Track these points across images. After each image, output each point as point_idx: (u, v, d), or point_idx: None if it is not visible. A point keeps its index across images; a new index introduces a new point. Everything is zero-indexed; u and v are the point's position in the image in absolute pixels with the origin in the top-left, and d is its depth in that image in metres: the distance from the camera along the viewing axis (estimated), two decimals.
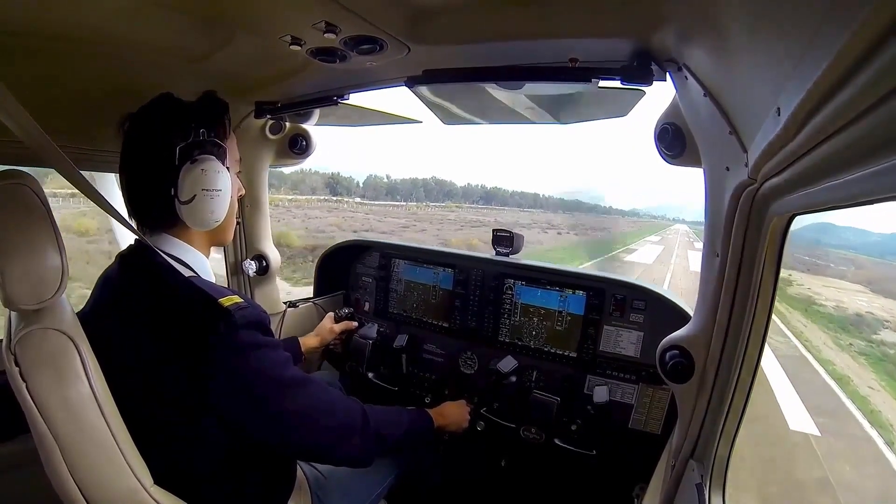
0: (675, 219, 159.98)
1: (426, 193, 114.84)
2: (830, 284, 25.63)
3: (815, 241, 39.85)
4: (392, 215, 48.99)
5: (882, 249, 40.61)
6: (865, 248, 43.64)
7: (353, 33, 0.87)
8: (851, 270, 31.86)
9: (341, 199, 69.71)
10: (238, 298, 0.82)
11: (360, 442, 0.93)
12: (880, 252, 38.44)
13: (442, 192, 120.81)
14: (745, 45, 0.57)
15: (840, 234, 63.86)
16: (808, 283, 23.60)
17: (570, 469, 1.54)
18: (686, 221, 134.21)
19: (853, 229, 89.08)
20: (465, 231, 36.35)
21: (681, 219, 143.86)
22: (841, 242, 48.63)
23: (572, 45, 0.88)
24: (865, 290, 24.41)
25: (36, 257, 0.70)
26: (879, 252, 39.22)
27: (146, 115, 0.87)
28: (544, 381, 1.54)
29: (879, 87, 0.33)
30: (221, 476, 0.87)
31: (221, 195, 0.89)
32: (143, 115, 0.87)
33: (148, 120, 0.87)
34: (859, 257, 41.09)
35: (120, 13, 0.81)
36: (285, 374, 0.84)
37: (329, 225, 29.67)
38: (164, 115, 0.87)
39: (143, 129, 0.86)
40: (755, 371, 0.83)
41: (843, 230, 69.25)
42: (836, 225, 67.87)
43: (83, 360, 0.72)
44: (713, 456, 0.89)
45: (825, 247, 42.42)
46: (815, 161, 0.49)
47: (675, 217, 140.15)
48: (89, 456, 0.72)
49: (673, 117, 0.91)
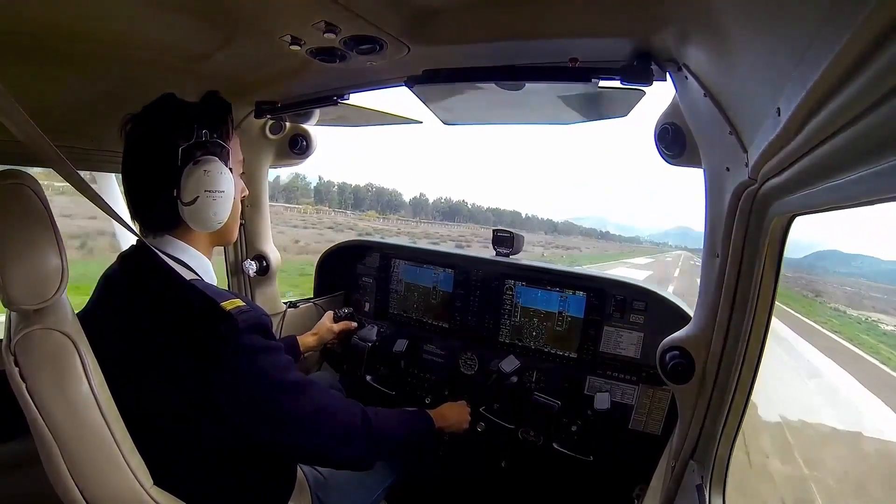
0: (678, 245, 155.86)
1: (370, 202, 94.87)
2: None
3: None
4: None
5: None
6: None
7: (353, 33, 0.87)
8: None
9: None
10: (240, 302, 0.82)
11: (361, 446, 0.93)
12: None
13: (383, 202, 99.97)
14: (746, 45, 0.57)
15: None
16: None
17: (567, 471, 1.54)
18: (688, 249, 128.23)
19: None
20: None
21: (683, 246, 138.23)
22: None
23: (572, 44, 0.88)
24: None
25: (36, 257, 0.70)
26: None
27: (149, 115, 0.86)
28: (544, 382, 1.54)
29: (880, 87, 0.33)
30: (221, 477, 0.87)
31: (224, 196, 0.88)
32: (145, 115, 0.86)
33: (150, 120, 0.86)
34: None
35: (120, 13, 0.81)
36: (287, 378, 0.84)
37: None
38: (167, 115, 0.87)
39: (145, 130, 0.86)
40: (755, 371, 0.83)
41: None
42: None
43: (83, 361, 0.72)
44: (713, 457, 0.89)
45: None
46: (815, 161, 0.49)
47: (678, 244, 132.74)
48: (89, 456, 0.72)
49: (673, 117, 0.91)
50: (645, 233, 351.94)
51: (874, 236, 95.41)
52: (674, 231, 76.68)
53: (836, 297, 24.48)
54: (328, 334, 1.61)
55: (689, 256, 62.60)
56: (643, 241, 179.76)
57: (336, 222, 34.28)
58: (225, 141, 0.90)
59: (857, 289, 30.42)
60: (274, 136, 1.59)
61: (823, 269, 37.46)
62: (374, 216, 64.87)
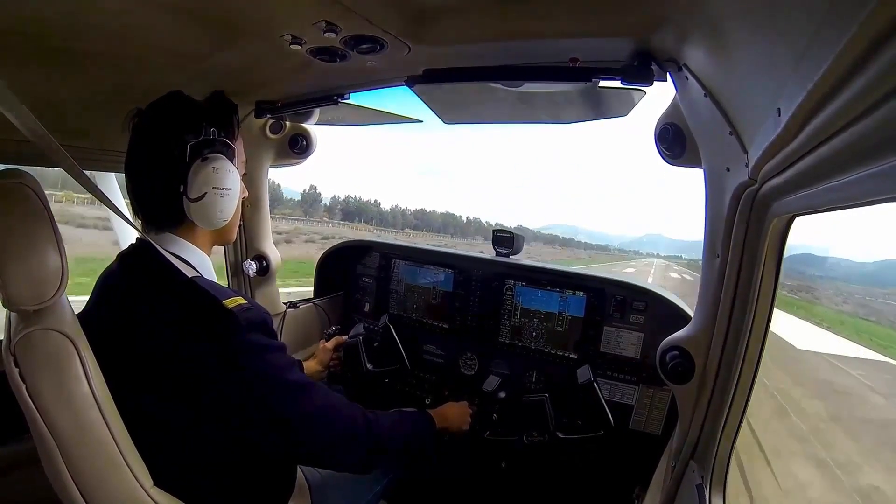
0: (650, 253, 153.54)
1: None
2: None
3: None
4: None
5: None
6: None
7: (354, 32, 0.87)
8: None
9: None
10: (241, 300, 0.82)
11: (362, 450, 0.92)
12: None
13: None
14: (746, 45, 0.57)
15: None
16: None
17: (582, 459, 1.51)
18: (660, 256, 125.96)
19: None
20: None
21: (654, 253, 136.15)
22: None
23: (573, 44, 0.88)
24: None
25: (35, 258, 0.70)
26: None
27: (158, 110, 0.87)
28: (544, 383, 1.54)
29: (880, 88, 0.33)
30: (221, 477, 0.87)
31: (231, 195, 0.89)
32: (154, 110, 0.87)
33: (159, 115, 0.86)
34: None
35: (120, 13, 0.81)
36: (289, 377, 0.84)
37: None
38: (176, 111, 0.87)
39: (154, 124, 0.86)
40: (755, 372, 0.83)
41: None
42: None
43: (83, 361, 0.72)
44: (713, 457, 0.89)
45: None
46: (815, 162, 0.49)
47: (650, 252, 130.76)
48: (89, 457, 0.72)
49: (673, 117, 0.91)
50: (615, 241, 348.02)
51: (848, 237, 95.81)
52: (644, 239, 75.85)
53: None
54: (326, 354, 1.59)
55: (665, 265, 60.06)
56: (612, 249, 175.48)
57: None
58: (231, 140, 0.91)
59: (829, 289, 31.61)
60: (274, 135, 1.59)
61: (800, 272, 37.50)
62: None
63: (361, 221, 34.04)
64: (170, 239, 0.89)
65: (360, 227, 30.61)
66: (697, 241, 0.85)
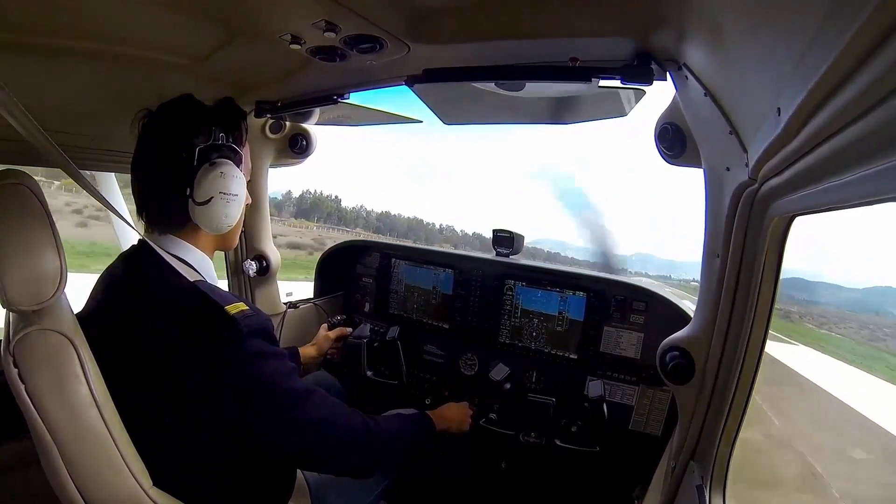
0: (638, 272, 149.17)
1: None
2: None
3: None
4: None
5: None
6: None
7: (353, 32, 0.87)
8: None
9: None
10: (243, 306, 0.81)
11: (362, 455, 0.92)
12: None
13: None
14: (746, 45, 0.56)
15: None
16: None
17: (572, 470, 1.53)
18: (649, 276, 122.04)
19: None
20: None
21: (644, 272, 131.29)
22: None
23: (572, 44, 0.88)
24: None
25: (34, 258, 0.70)
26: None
27: (167, 112, 0.87)
28: (544, 383, 1.54)
29: (880, 87, 0.33)
30: (220, 477, 0.87)
31: (237, 200, 0.89)
32: (163, 112, 0.87)
33: (169, 117, 0.87)
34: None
35: (120, 13, 0.81)
36: (290, 385, 0.84)
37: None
38: (186, 114, 0.87)
39: (163, 127, 0.87)
40: (755, 372, 0.83)
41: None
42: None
43: (82, 362, 0.72)
44: (714, 457, 0.89)
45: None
46: (815, 161, 0.48)
47: (639, 271, 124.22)
48: (88, 457, 0.72)
49: (673, 117, 0.91)
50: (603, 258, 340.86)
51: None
52: (634, 258, 69.72)
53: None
54: (326, 343, 1.60)
55: (658, 285, 61.65)
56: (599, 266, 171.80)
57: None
58: (239, 146, 0.91)
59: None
60: (274, 135, 1.59)
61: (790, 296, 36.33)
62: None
63: (314, 219, 31.32)
64: (172, 241, 0.89)
65: (296, 223, 28.35)
66: (686, 262, 0.82)
